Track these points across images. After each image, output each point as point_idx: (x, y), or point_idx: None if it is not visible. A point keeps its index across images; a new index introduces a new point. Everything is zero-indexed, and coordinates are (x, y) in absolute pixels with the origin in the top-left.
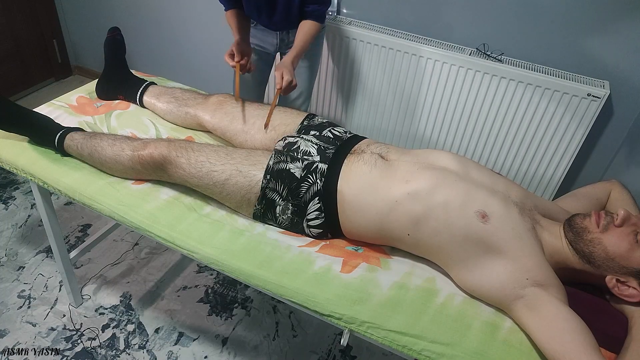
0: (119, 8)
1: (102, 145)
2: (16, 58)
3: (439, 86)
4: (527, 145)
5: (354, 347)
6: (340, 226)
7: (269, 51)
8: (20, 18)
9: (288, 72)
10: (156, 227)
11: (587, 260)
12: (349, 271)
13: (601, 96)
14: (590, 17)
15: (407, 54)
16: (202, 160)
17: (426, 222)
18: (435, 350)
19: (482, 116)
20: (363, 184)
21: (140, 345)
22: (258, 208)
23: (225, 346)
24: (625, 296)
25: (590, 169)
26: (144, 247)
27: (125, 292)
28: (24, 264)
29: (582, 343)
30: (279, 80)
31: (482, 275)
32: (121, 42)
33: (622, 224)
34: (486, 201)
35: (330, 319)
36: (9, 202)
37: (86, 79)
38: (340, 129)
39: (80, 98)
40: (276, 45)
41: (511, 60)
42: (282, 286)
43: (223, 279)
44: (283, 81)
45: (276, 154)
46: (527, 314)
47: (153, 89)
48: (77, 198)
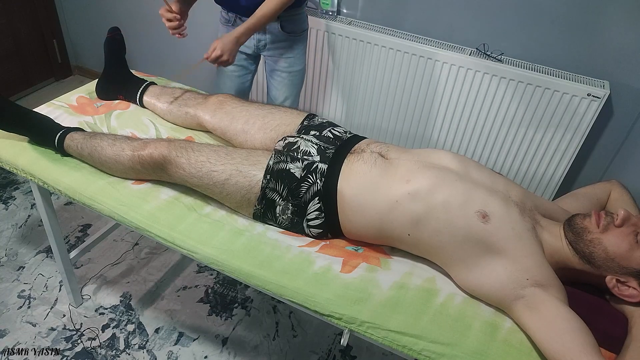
0: (119, 8)
1: (102, 145)
2: (16, 58)
3: (439, 86)
4: (527, 145)
5: (354, 347)
6: (340, 226)
7: (247, 52)
8: (20, 18)
9: (222, 47)
10: (156, 227)
11: (587, 260)
12: (349, 271)
13: (601, 96)
14: (590, 17)
15: (407, 54)
16: (202, 160)
17: (426, 222)
18: (435, 350)
19: (482, 116)
20: (363, 184)
21: (140, 345)
22: (258, 208)
23: (225, 346)
24: (625, 296)
25: (590, 169)
26: (144, 247)
27: (125, 292)
28: (24, 264)
29: (582, 343)
30: (210, 51)
31: (482, 275)
32: (121, 42)
33: (622, 224)
34: (486, 201)
35: (330, 319)
36: (9, 202)
37: (86, 79)
38: (340, 128)
39: (80, 98)
40: (253, 46)
41: (511, 60)
42: (282, 286)
43: (223, 279)
44: (212, 55)
45: (276, 154)
46: (527, 314)
47: (153, 89)
48: (77, 198)
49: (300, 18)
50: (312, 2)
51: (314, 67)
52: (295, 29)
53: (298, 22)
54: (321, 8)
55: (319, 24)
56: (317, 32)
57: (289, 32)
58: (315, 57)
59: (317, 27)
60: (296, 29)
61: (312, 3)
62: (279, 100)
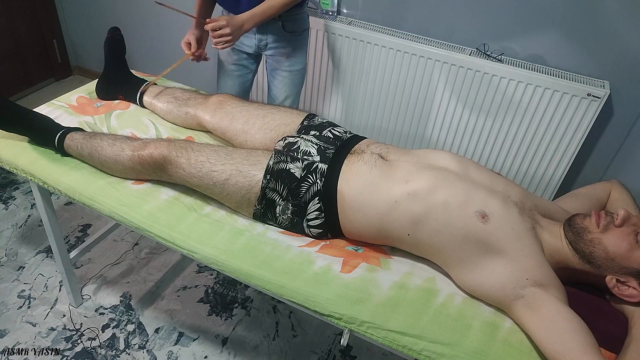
0: (119, 8)
1: (102, 145)
2: (16, 58)
3: (439, 86)
4: (527, 145)
5: (354, 347)
6: (340, 226)
7: (248, 52)
8: (20, 18)
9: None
10: (156, 227)
11: (587, 260)
12: (349, 271)
13: (601, 96)
14: (590, 17)
15: (407, 54)
16: (202, 160)
17: (426, 222)
18: (435, 350)
19: (482, 116)
20: (363, 184)
21: (140, 345)
22: (258, 208)
23: (225, 346)
24: (625, 296)
25: (590, 169)
26: (144, 247)
27: (125, 292)
28: (24, 264)
29: (582, 343)
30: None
31: (482, 275)
32: (121, 42)
33: (622, 224)
34: (486, 201)
35: (330, 319)
36: (9, 202)
37: (86, 79)
38: (340, 129)
39: (80, 98)
40: (255, 45)
41: (511, 60)
42: (282, 286)
43: (223, 279)
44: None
45: (276, 154)
46: (527, 314)
47: (153, 89)
48: (77, 198)
49: (302, 18)
50: (312, 2)
51: (313, 67)
52: (296, 28)
53: (299, 21)
54: (321, 8)
55: (318, 24)
56: (317, 32)
57: (290, 32)
58: (315, 57)
59: (317, 27)
60: (297, 28)
61: (312, 3)
62: (280, 100)
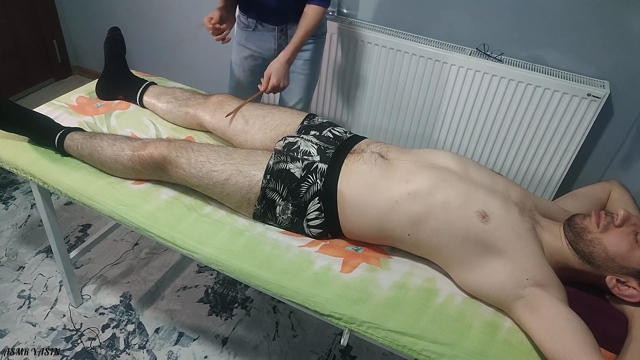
0: (119, 8)
1: (102, 145)
2: (16, 58)
3: (438, 86)
4: (527, 145)
5: (354, 347)
6: (340, 226)
7: (267, 57)
8: (20, 18)
9: (277, 74)
10: (156, 227)
11: (587, 260)
12: (349, 271)
13: (601, 96)
14: (590, 18)
15: (407, 53)
16: (202, 160)
17: (426, 222)
18: (435, 350)
19: (482, 116)
20: (363, 184)
21: (140, 345)
22: (258, 208)
23: (225, 346)
24: (625, 296)
25: (590, 169)
26: (144, 247)
27: (125, 292)
28: (24, 264)
29: (582, 343)
30: (265, 82)
31: (482, 275)
32: (121, 42)
33: (622, 224)
34: (486, 201)
35: (330, 319)
36: (9, 202)
37: (86, 79)
38: (340, 128)
39: (80, 98)
40: (274, 50)
41: (511, 60)
42: (282, 286)
43: (223, 279)
44: (269, 85)
45: (276, 154)
46: (527, 314)
47: (153, 89)
48: (77, 198)
49: (321, 22)
50: None
51: None
52: (316, 32)
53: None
54: None
55: None
56: None
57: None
58: None
59: None
60: (317, 32)
61: None
62: (293, 102)
